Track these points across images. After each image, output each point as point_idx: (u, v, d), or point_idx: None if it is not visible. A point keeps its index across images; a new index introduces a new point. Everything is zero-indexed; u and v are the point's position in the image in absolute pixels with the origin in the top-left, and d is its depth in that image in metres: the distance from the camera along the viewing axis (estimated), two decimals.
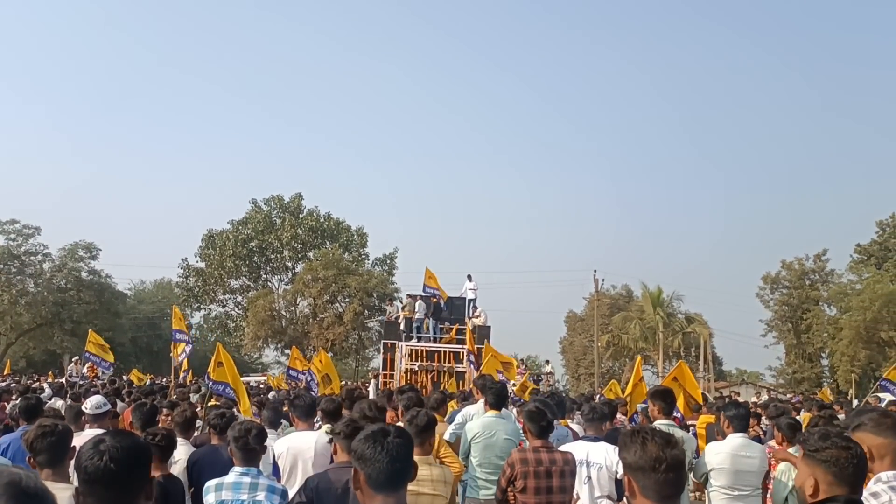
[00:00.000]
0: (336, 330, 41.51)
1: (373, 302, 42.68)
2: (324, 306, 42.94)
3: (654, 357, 47.32)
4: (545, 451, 4.82)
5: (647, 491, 2.15)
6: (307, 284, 42.08)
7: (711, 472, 5.52)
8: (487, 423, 6.15)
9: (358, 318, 41.36)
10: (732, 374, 62.87)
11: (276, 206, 48.04)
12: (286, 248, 46.61)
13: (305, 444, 5.27)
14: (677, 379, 10.87)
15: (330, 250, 44.10)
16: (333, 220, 48.44)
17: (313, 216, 47.70)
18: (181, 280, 47.88)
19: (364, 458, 2.36)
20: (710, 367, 45.69)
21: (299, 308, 45.83)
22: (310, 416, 5.68)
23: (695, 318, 46.12)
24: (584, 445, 5.66)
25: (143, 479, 2.04)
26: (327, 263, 41.60)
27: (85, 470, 1.99)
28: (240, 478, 4.13)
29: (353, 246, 48.29)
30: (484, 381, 7.33)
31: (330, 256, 42.35)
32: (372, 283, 41.53)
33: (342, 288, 41.61)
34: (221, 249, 45.78)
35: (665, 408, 6.20)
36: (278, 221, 47.62)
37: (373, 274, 44.24)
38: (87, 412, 5.78)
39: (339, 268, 41.78)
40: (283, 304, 45.49)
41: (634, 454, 2.19)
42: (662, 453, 2.14)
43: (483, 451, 5.99)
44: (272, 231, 46.57)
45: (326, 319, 42.38)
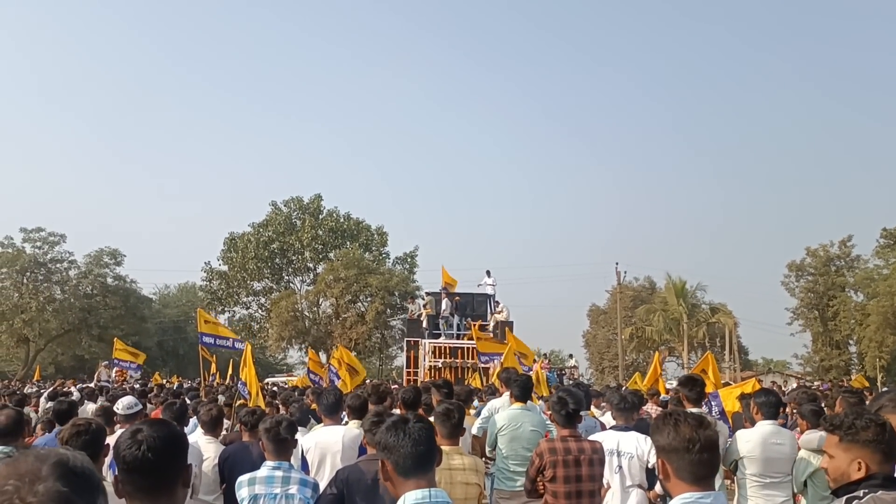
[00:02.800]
0: (359, 329, 41.69)
1: (395, 300, 42.79)
2: (346, 306, 43.14)
3: (678, 349, 46.99)
4: (573, 441, 4.81)
5: (681, 472, 2.15)
6: (329, 285, 42.30)
7: (742, 459, 5.49)
8: (513, 416, 6.15)
9: (380, 316, 41.50)
10: (759, 363, 62.26)
11: (295, 207, 48.33)
12: (307, 249, 46.87)
13: (333, 438, 5.31)
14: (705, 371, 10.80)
15: (350, 250, 44.28)
16: (353, 220, 48.64)
17: (333, 217, 47.93)
18: (205, 283, 48.34)
19: (388, 447, 2.40)
20: (736, 356, 45.26)
21: (322, 308, 46.07)
22: (336, 412, 5.72)
23: (719, 308, 45.72)
24: (615, 435, 5.65)
25: (180, 466, 2.08)
26: (348, 263, 41.78)
27: (123, 459, 2.04)
28: (272, 471, 4.16)
29: (373, 245, 48.44)
30: (508, 374, 7.34)
31: (350, 256, 42.52)
32: (393, 281, 41.64)
33: (364, 287, 41.75)
34: (243, 252, 46.14)
35: (693, 396, 6.15)
36: (298, 223, 47.90)
37: (394, 273, 44.35)
38: (119, 412, 5.87)
39: (359, 267, 41.94)
40: (305, 304, 45.77)
41: (667, 436, 2.19)
42: (696, 434, 2.14)
43: (510, 443, 6.00)
44: (293, 232, 46.87)
45: (349, 319, 42.58)
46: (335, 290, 41.69)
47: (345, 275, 41.55)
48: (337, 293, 41.83)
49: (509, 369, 8.04)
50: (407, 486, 2.34)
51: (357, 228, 48.41)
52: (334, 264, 43.04)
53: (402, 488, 2.35)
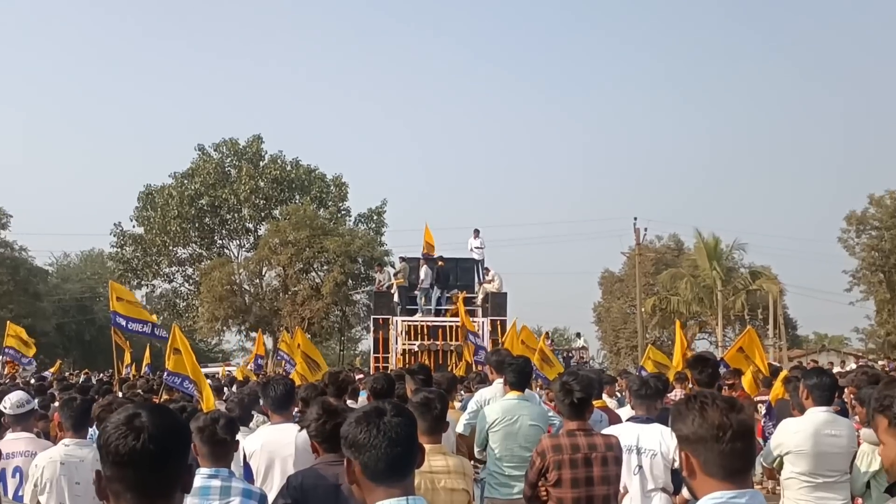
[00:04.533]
0: (313, 305, 41.73)
1: (358, 269, 42.77)
2: (296, 277, 43.08)
3: (711, 323, 47.60)
4: (582, 435, 4.89)
5: (710, 466, 2.20)
6: (274, 250, 42.14)
7: (788, 455, 5.55)
8: (508, 407, 6.23)
9: (340, 289, 41.52)
10: (810, 339, 63.33)
11: (229, 152, 47.82)
12: (245, 205, 46.56)
13: (284, 439, 5.35)
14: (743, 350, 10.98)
15: (301, 205, 44.06)
16: (303, 167, 48.30)
17: (277, 164, 47.54)
18: (115, 251, 47.96)
19: (357, 445, 2.42)
20: (782, 331, 45.94)
21: (266, 280, 45.91)
22: (286, 407, 5.76)
23: (761, 273, 46.22)
24: (634, 428, 5.74)
25: (184, 465, 2.11)
26: (298, 222, 41.59)
27: (116, 450, 2.04)
28: (207, 481, 4.14)
29: (329, 199, 48.21)
30: (500, 357, 7.41)
31: (301, 213, 42.31)
32: (356, 244, 41.60)
33: (318, 253, 41.68)
34: (163, 210, 45.69)
35: (704, 379, 6.29)
36: (233, 172, 47.45)
37: (356, 234, 44.28)
38: (7, 412, 5.81)
39: (313, 227, 41.79)
40: (244, 275, 45.59)
41: (692, 423, 2.23)
42: (726, 419, 2.19)
43: (504, 440, 6.08)
44: (226, 184, 46.45)
45: (300, 293, 42.56)
46: (282, 257, 41.59)
47: (294, 237, 41.41)
48: (284, 261, 41.73)
49: (501, 350, 8.12)
50: (377, 495, 2.37)
51: (308, 178, 48.11)
52: (280, 224, 42.85)
53: (371, 496, 2.38)
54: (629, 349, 54.64)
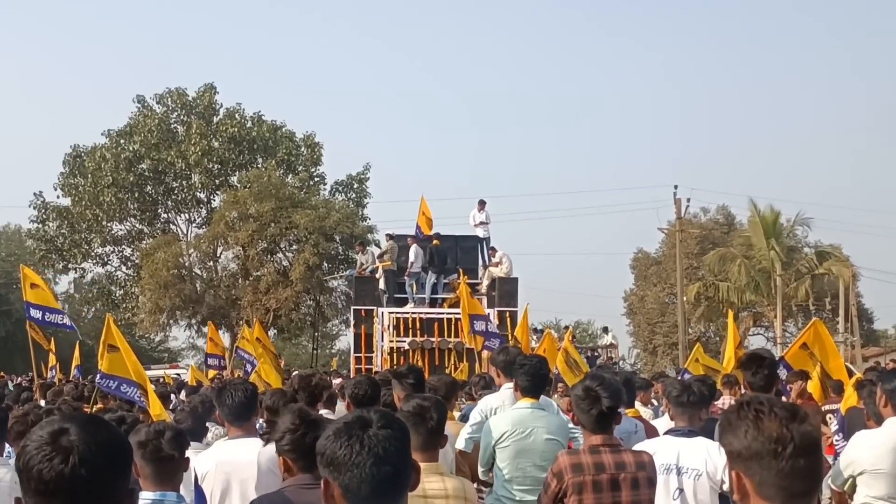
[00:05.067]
0: (280, 294, 41.77)
1: (334, 248, 42.78)
2: (259, 259, 43.12)
3: (768, 315, 47.69)
4: (609, 452, 4.91)
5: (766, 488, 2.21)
6: (231, 226, 42.11)
7: (862, 475, 5.58)
8: (519, 418, 6.25)
9: (313, 274, 41.51)
10: (889, 334, 63.47)
11: (175, 105, 47.68)
12: (195, 170, 46.46)
13: (243, 457, 5.37)
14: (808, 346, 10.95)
15: (264, 171, 43.97)
16: (267, 124, 48.19)
17: (235, 119, 47.44)
18: (35, 227, 47.90)
19: (337, 463, 2.42)
20: (855, 325, 46.02)
21: (221, 263, 45.96)
22: (246, 417, 5.78)
23: (830, 254, 46.27)
24: (673, 443, 5.76)
25: (122, 491, 2.10)
26: (261, 191, 41.50)
27: (39, 475, 2.01)
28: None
29: (299, 163, 48.15)
30: (508, 356, 7.42)
31: (264, 180, 42.21)
32: (332, 219, 41.54)
33: (286, 229, 41.65)
34: (95, 177, 45.56)
35: (758, 382, 6.29)
36: (181, 129, 47.34)
37: (332, 205, 44.23)
38: None
39: (279, 197, 41.72)
40: (195, 257, 45.62)
41: (744, 436, 2.24)
42: (786, 430, 2.19)
43: (514, 458, 6.11)
44: (172, 145, 46.34)
45: (264, 279, 42.60)
46: (241, 235, 41.53)
47: (256, 209, 41.32)
48: (244, 239, 41.69)
49: (509, 348, 8.12)
50: None
51: (274, 137, 47.99)
52: (239, 193, 42.73)
53: None
54: (667, 347, 54.81)
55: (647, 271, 59.57)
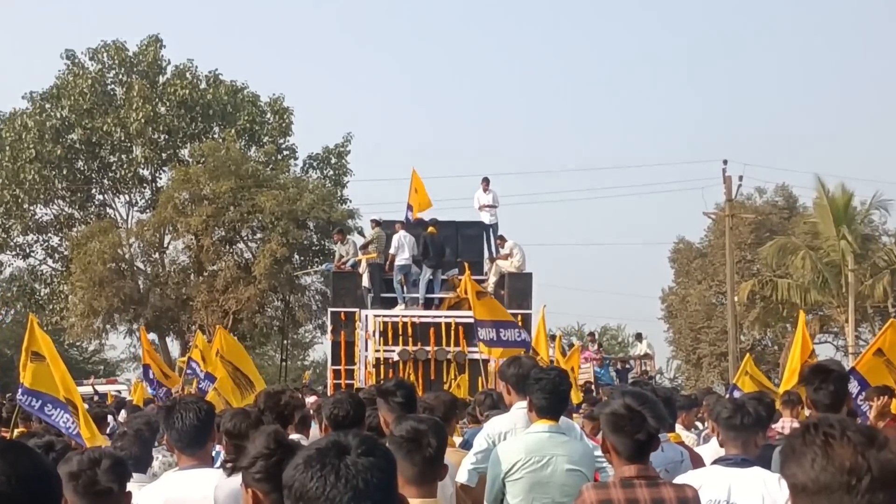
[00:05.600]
0: (241, 293, 41.75)
1: (308, 237, 42.79)
2: (216, 250, 43.04)
3: (838, 318, 47.65)
4: (644, 486, 4.89)
5: None
6: (181, 209, 42.09)
7: None
8: (534, 445, 6.27)
9: (281, 269, 41.52)
10: None
11: (113, 62, 47.58)
12: (137, 141, 46.35)
13: (196, 491, 5.37)
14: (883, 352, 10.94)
15: (222, 142, 43.91)
16: (225, 85, 48.08)
17: (186, 80, 47.33)
18: None
19: (307, 498, 2.43)
20: None
21: (170, 255, 45.92)
22: (200, 443, 5.78)
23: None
24: (723, 474, 5.76)
25: None
26: (218, 167, 41.45)
27: None
28: None
29: (265, 133, 48.08)
30: (521, 368, 7.41)
31: (222, 154, 42.16)
32: (305, 201, 41.52)
33: (249, 214, 41.63)
34: (14, 150, 45.50)
35: (824, 400, 6.29)
36: (119, 91, 47.28)
37: (305, 185, 44.21)
38: None
39: (240, 175, 41.68)
40: (137, 248, 45.59)
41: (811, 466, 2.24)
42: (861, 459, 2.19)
43: (528, 493, 6.12)
44: (109, 110, 46.28)
45: (222, 275, 42.57)
46: (194, 220, 41.47)
47: (212, 189, 41.29)
48: (197, 225, 41.62)
49: (522, 360, 8.10)
50: None
51: (234, 102, 47.87)
52: (190, 170, 42.69)
53: None
54: (715, 358, 54.81)
55: (689, 265, 59.51)
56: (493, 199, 26.87)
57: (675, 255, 60.87)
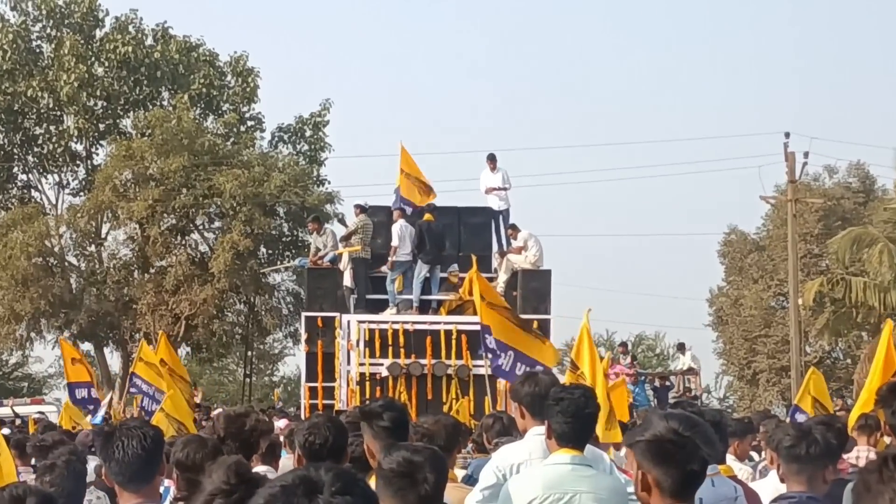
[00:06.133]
0: (196, 294, 41.76)
1: (277, 226, 42.82)
2: (164, 241, 43.07)
3: None
4: None
5: None
6: (123, 192, 42.12)
7: None
8: (554, 479, 6.27)
9: (244, 264, 41.56)
10: None
11: (40, 13, 47.55)
12: (70, 109, 46.37)
13: None
14: None
15: (172, 111, 43.92)
16: (177, 41, 48.03)
17: (128, 35, 47.31)
18: None
19: None
20: None
21: (108, 248, 45.92)
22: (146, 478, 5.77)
23: None
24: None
25: None
26: (168, 141, 41.48)
27: None
28: None
29: (225, 100, 48.10)
30: (538, 388, 7.39)
31: (173, 124, 42.18)
32: (274, 182, 41.55)
33: (205, 198, 41.65)
34: None
35: None
36: (48, 49, 47.30)
37: (274, 162, 44.24)
38: None
39: (194, 151, 41.72)
40: (69, 239, 45.57)
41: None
42: None
43: None
44: (35, 71, 46.29)
45: (173, 272, 42.58)
46: (138, 206, 41.50)
47: (161, 167, 41.31)
48: (142, 212, 41.65)
49: (539, 376, 8.08)
50: None
51: (187, 61, 47.84)
52: (134, 144, 42.71)
53: None
54: (774, 373, 54.89)
55: (743, 261, 59.55)
56: (503, 181, 26.80)
57: (726, 248, 60.90)
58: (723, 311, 60.89)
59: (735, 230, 60.53)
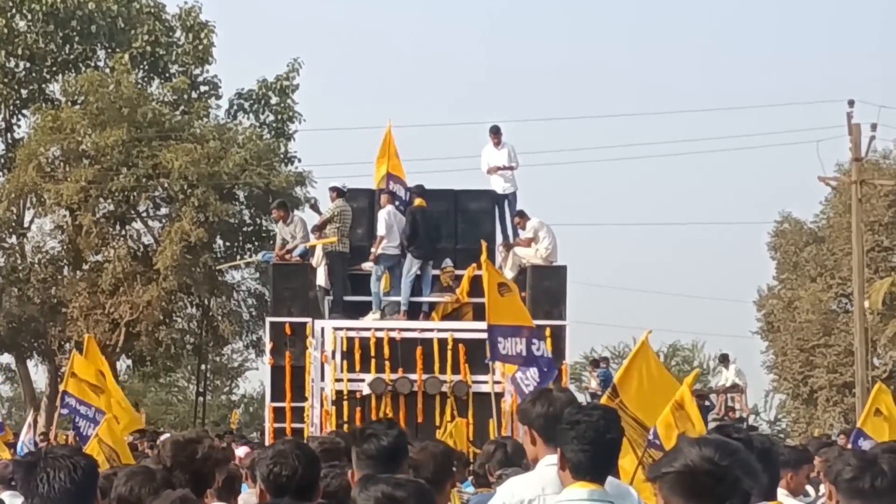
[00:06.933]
0: (138, 295, 41.84)
1: (237, 213, 42.91)
2: (100, 231, 43.11)
3: None
4: None
5: None
6: (50, 172, 42.19)
7: None
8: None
9: (196, 259, 41.61)
10: None
11: None
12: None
13: None
14: None
15: (110, 74, 43.97)
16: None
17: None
18: None
19: None
20: None
21: (33, 239, 46.00)
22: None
23: None
24: None
25: None
26: (105, 110, 41.53)
27: None
28: None
29: (173, 60, 48.15)
30: (550, 408, 7.40)
31: (111, 90, 42.23)
32: (232, 160, 41.62)
33: (149, 178, 41.72)
34: None
35: None
36: None
37: (233, 136, 44.29)
38: None
39: (137, 122, 41.77)
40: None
41: None
42: None
43: None
44: None
45: (110, 268, 42.64)
46: (68, 188, 41.57)
47: (95, 142, 41.35)
48: (73, 195, 41.70)
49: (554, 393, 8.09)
50: None
51: (127, 13, 47.81)
52: (64, 115, 42.76)
53: None
54: (836, 391, 55.02)
55: (798, 255, 59.63)
56: (509, 158, 26.72)
57: (778, 239, 60.97)
58: (774, 316, 60.95)
59: (788, 218, 60.62)
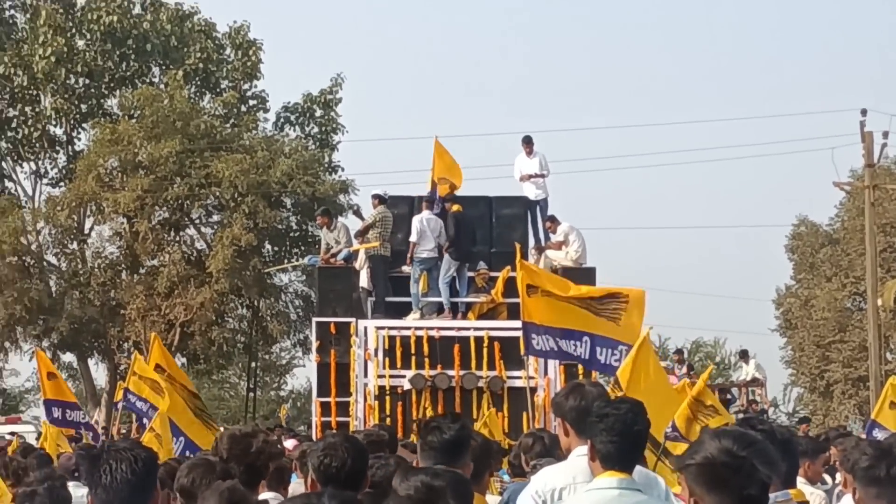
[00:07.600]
0: (192, 297, 41.77)
1: (284, 219, 42.78)
2: (156, 238, 43.06)
3: None
4: None
5: None
6: (108, 182, 42.15)
7: None
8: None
9: (246, 263, 41.55)
10: None
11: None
12: (47, 88, 46.48)
13: None
14: None
15: (164, 89, 43.92)
16: (169, 10, 47.99)
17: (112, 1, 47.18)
18: None
19: None
20: None
21: (93, 245, 45.90)
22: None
23: None
24: None
25: None
26: (159, 123, 41.49)
27: None
28: None
29: (224, 76, 48.06)
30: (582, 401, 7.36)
31: (165, 104, 42.20)
32: (280, 169, 41.55)
33: (201, 188, 41.65)
34: None
35: None
36: (21, 19, 47.37)
37: (280, 147, 44.19)
38: None
39: (190, 134, 41.70)
40: (48, 235, 45.63)
41: None
42: None
43: None
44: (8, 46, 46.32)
45: (165, 272, 42.56)
46: (126, 197, 41.56)
47: (151, 153, 41.33)
48: (130, 204, 41.68)
49: (586, 387, 8.05)
50: None
51: (180, 32, 47.76)
52: (121, 128, 42.70)
53: None
54: (851, 384, 54.66)
55: (815, 256, 59.26)
56: (541, 166, 26.63)
57: (795, 241, 60.61)
58: (791, 314, 60.59)
59: (805, 221, 60.25)
